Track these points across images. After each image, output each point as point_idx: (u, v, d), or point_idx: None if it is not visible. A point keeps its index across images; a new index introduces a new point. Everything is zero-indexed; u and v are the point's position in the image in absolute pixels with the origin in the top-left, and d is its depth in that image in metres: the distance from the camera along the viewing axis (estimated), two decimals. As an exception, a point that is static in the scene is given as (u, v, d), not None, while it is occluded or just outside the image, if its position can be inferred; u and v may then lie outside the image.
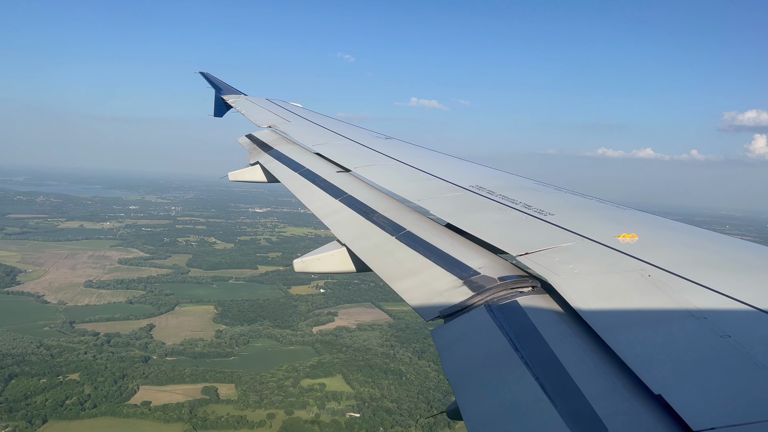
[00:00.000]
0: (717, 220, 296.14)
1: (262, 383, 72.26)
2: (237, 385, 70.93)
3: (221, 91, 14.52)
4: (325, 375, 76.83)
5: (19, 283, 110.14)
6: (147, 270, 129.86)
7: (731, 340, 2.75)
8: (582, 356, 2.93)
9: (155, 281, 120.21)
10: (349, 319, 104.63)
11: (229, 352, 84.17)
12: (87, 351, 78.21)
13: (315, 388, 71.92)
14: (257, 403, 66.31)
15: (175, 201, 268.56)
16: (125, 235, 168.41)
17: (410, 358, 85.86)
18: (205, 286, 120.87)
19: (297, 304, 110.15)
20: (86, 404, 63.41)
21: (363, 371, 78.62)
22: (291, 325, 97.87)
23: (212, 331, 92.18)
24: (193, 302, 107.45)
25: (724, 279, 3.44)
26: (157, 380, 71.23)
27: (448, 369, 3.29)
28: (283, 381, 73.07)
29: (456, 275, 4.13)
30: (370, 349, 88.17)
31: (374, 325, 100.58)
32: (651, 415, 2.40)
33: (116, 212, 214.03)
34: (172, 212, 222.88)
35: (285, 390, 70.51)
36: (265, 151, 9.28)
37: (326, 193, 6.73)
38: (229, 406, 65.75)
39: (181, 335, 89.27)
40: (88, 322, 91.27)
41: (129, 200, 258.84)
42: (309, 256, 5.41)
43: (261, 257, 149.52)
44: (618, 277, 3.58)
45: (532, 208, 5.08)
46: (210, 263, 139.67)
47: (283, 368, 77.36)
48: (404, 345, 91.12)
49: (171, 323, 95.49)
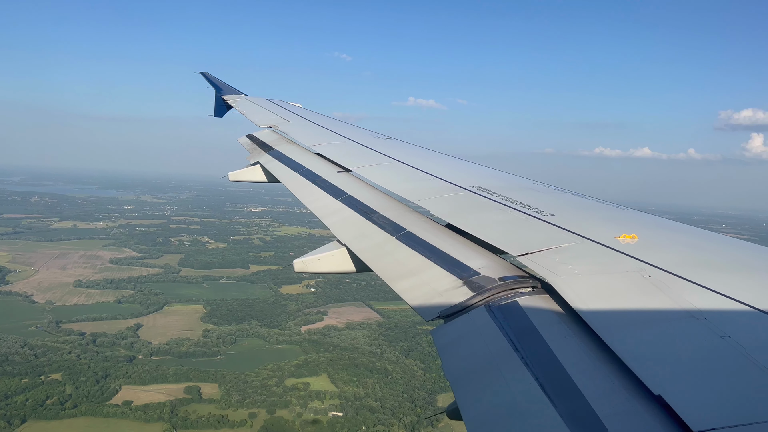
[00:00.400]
0: (714, 219, 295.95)
1: (246, 382, 71.88)
2: (220, 385, 70.53)
3: (221, 91, 14.56)
4: (310, 374, 76.45)
5: (8, 283, 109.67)
6: (138, 269, 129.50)
7: (731, 341, 2.75)
8: (582, 357, 2.94)
9: (145, 281, 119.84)
10: (338, 318, 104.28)
11: (215, 352, 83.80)
12: (71, 351, 77.79)
13: (299, 387, 71.52)
14: (239, 402, 65.92)
15: (171, 201, 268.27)
16: (118, 234, 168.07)
17: (397, 357, 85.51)
18: (196, 286, 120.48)
19: (287, 303, 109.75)
20: (66, 404, 62.94)
21: (348, 370, 78.24)
22: (279, 324, 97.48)
23: (200, 331, 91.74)
24: (182, 302, 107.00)
25: (724, 280, 3.44)
26: (140, 380, 70.81)
27: (448, 369, 3.28)
28: (268, 380, 72.65)
29: (456, 275, 4.14)
30: (357, 348, 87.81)
31: (363, 324, 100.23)
32: (651, 415, 2.40)
33: (110, 212, 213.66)
34: (167, 212, 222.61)
35: (269, 389, 70.11)
36: (266, 151, 9.31)
37: (326, 193, 6.75)
38: (211, 405, 65.34)
39: (168, 335, 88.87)
40: (74, 321, 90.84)
41: (124, 200, 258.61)
42: (309, 256, 5.40)
43: (254, 257, 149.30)
44: (618, 278, 3.60)
45: (533, 208, 5.10)
46: (201, 263, 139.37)
47: (268, 367, 76.98)
48: (392, 344, 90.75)
49: (159, 323, 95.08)
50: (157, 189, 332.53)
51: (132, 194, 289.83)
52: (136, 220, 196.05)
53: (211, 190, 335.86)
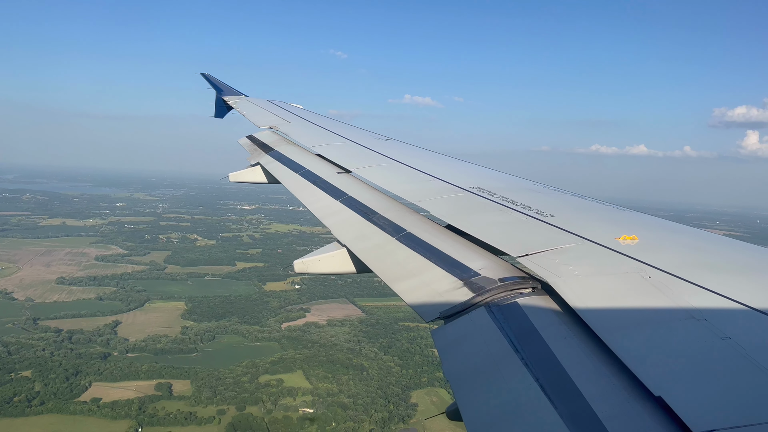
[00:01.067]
0: (708, 216, 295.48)
1: (219, 379, 71.40)
2: (192, 381, 70.03)
3: (222, 92, 14.62)
4: (285, 371, 75.96)
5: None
6: (123, 267, 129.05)
7: (731, 342, 2.76)
8: (582, 357, 2.93)
9: (129, 278, 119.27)
10: (321, 314, 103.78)
11: (191, 348, 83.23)
12: (45, 348, 77.34)
13: (272, 384, 71.04)
14: (209, 399, 65.42)
15: (164, 198, 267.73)
16: (107, 232, 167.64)
17: (375, 354, 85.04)
18: (180, 283, 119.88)
19: (269, 300, 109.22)
20: (34, 402, 62.49)
21: (324, 367, 77.80)
22: (260, 321, 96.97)
23: (179, 328, 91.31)
24: (163, 299, 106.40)
25: (725, 281, 3.44)
26: (112, 377, 70.28)
27: (448, 370, 3.28)
28: (241, 377, 72.15)
29: (456, 276, 4.14)
30: (335, 345, 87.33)
31: (345, 321, 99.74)
32: (651, 416, 2.40)
33: (101, 209, 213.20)
34: (159, 209, 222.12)
35: (241, 386, 69.60)
36: (266, 152, 9.35)
37: (327, 194, 6.77)
38: (180, 402, 64.83)
39: (146, 331, 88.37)
40: (53, 318, 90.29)
41: (117, 198, 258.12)
42: (309, 257, 5.42)
43: (241, 254, 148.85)
44: (618, 279, 3.61)
45: (533, 209, 5.12)
46: (188, 260, 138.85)
47: (243, 364, 76.47)
48: (371, 340, 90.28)
49: (138, 320, 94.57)
50: (151, 187, 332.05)
51: (125, 192, 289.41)
52: (127, 218, 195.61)
53: (206, 188, 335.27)
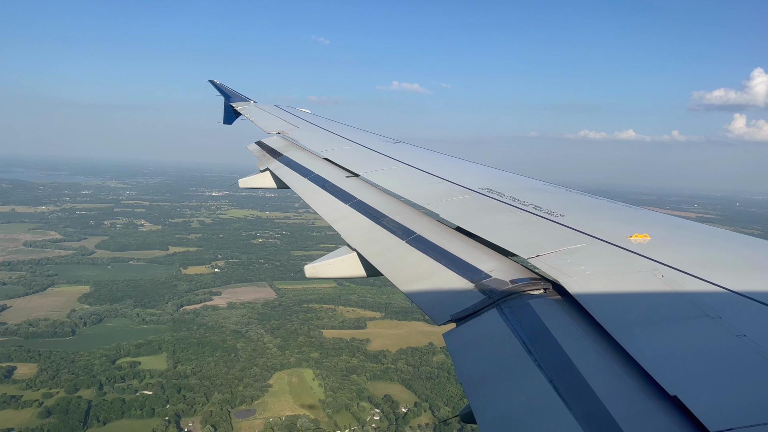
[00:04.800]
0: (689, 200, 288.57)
1: (73, 362, 68.93)
2: (40, 365, 67.62)
3: (230, 99, 14.71)
4: (148, 353, 73.39)
5: None
6: (51, 252, 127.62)
7: (747, 340, 2.71)
8: (596, 358, 2.88)
9: (48, 263, 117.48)
10: (229, 297, 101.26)
11: (68, 332, 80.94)
12: None
13: (124, 366, 68.54)
14: (44, 382, 62.92)
15: (135, 186, 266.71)
16: (53, 219, 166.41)
17: (260, 336, 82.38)
18: (99, 267, 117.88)
19: (179, 283, 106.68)
20: None
21: (193, 348, 75.17)
22: (157, 304, 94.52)
23: (68, 311, 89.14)
24: (71, 283, 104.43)
25: (739, 278, 3.39)
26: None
27: (461, 372, 3.22)
28: (94, 360, 69.68)
29: (467, 278, 4.08)
30: (222, 327, 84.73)
31: (247, 304, 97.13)
32: (667, 416, 2.37)
33: (62, 197, 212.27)
34: (123, 197, 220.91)
35: (89, 369, 67.11)
36: (275, 158, 9.33)
37: (336, 198, 6.71)
38: (13, 386, 62.42)
39: (31, 315, 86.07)
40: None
41: (86, 185, 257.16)
42: (320, 262, 5.33)
43: (180, 238, 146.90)
44: (631, 278, 3.55)
45: (543, 209, 5.07)
46: (119, 245, 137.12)
47: (107, 347, 74.00)
48: (263, 322, 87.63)
49: (32, 304, 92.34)
50: (127, 175, 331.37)
51: (98, 180, 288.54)
52: (82, 204, 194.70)
53: (185, 176, 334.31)
